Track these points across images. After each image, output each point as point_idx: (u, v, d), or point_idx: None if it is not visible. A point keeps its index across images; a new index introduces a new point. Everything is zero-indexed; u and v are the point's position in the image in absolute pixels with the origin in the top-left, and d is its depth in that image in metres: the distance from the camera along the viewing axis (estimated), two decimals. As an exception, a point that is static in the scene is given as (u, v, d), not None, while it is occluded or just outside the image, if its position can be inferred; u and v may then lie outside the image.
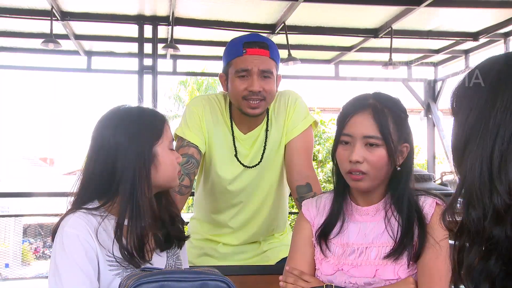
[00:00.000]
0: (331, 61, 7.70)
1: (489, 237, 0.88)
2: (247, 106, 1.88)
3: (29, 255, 16.29)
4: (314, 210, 1.57)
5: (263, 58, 1.88)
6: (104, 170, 1.40)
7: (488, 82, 0.94)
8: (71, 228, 1.35)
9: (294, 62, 6.10)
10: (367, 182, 1.44)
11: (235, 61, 1.89)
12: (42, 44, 5.57)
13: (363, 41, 6.55)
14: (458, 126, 0.98)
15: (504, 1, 5.25)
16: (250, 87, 1.85)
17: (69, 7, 5.45)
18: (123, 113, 1.48)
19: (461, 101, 0.99)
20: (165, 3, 5.30)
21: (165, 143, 1.46)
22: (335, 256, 1.48)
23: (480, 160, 0.90)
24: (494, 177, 0.88)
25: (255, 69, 1.85)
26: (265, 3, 5.24)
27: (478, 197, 0.90)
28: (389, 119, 1.43)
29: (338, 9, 5.46)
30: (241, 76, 1.87)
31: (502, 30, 6.18)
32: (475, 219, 0.90)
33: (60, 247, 1.34)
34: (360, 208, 1.50)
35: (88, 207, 1.40)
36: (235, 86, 1.88)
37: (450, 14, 5.69)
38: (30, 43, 6.66)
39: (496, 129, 0.89)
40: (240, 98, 1.88)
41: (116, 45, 6.93)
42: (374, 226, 1.47)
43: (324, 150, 10.12)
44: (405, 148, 1.46)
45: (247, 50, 1.87)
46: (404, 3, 5.20)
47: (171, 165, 1.46)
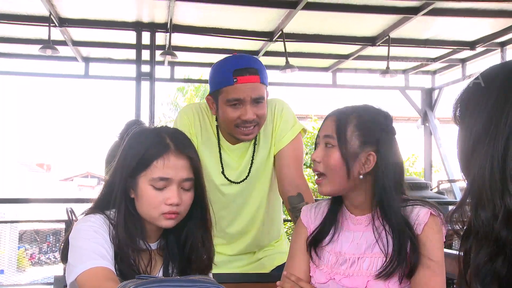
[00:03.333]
0: (328, 69, 7.72)
1: (497, 238, 0.88)
2: (240, 133, 1.83)
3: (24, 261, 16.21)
4: (312, 215, 1.56)
5: (254, 85, 1.80)
6: (109, 183, 1.42)
7: (497, 85, 0.95)
8: (90, 223, 1.35)
9: (291, 70, 6.11)
10: (327, 186, 1.46)
11: (225, 89, 1.80)
12: (40, 50, 5.57)
13: (361, 49, 6.58)
14: (465, 129, 0.98)
15: (501, 10, 5.27)
16: (244, 116, 1.79)
17: (67, 13, 5.46)
18: (135, 132, 1.45)
19: (467, 106, 0.99)
20: (163, 10, 5.31)
21: (148, 177, 1.35)
22: (328, 265, 1.47)
23: (490, 161, 0.90)
24: (507, 178, 0.88)
25: (248, 98, 1.79)
26: (263, 11, 5.25)
27: (488, 198, 0.89)
28: (352, 122, 1.44)
29: (336, 17, 5.48)
30: (233, 104, 1.80)
31: (498, 39, 6.22)
32: (484, 220, 0.89)
33: (76, 235, 1.33)
34: (353, 217, 1.49)
35: (107, 214, 1.40)
36: (227, 114, 1.82)
37: (447, 23, 5.71)
38: (28, 49, 6.66)
39: (508, 130, 0.90)
40: (232, 126, 1.83)
41: (114, 52, 6.94)
42: (367, 236, 1.45)
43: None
44: (370, 156, 1.42)
45: (238, 79, 1.78)
46: (402, 12, 5.23)
47: (147, 201, 1.36)
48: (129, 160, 1.37)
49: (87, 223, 1.34)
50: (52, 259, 18.17)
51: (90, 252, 1.28)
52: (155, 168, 1.34)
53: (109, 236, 1.34)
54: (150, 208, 1.36)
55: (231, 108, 1.80)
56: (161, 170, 1.34)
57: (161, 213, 1.35)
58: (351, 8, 5.10)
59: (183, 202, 1.37)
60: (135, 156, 1.36)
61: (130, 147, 1.40)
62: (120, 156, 1.41)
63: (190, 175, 1.37)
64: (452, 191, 8.25)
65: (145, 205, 1.36)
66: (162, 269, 1.44)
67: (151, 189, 1.35)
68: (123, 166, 1.38)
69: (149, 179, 1.34)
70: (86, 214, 1.40)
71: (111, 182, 1.41)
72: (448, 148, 8.28)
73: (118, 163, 1.41)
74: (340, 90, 9.76)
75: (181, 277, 1.16)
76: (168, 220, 1.36)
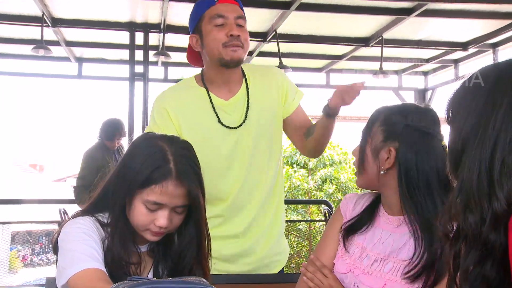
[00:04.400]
0: (322, 69, 7.73)
1: (486, 241, 0.87)
2: (229, 53, 1.87)
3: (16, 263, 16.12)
4: (351, 206, 1.58)
5: (235, 7, 1.91)
6: (106, 186, 1.42)
7: (487, 88, 0.94)
8: (80, 225, 1.34)
9: (285, 70, 6.10)
10: (358, 180, 1.52)
11: (208, 12, 1.89)
12: (33, 50, 5.54)
13: (354, 50, 6.59)
14: (455, 130, 0.98)
15: (493, 12, 5.30)
16: (230, 31, 1.85)
17: (60, 13, 5.43)
18: (143, 144, 1.40)
19: (459, 107, 0.99)
20: (156, 10, 5.30)
21: (143, 197, 1.32)
22: (351, 257, 1.48)
23: (478, 164, 0.90)
24: (494, 182, 0.87)
25: (231, 15, 1.87)
26: (256, 11, 5.25)
27: (476, 201, 0.89)
28: (381, 118, 1.45)
29: (330, 18, 5.48)
30: (218, 25, 1.86)
31: (490, 40, 6.25)
32: (472, 223, 0.89)
33: (66, 238, 1.32)
34: (386, 215, 1.48)
35: (98, 218, 1.38)
36: (214, 35, 1.87)
37: (439, 24, 5.73)
38: (21, 49, 6.62)
39: (497, 133, 0.89)
40: (220, 46, 1.86)
41: (107, 52, 6.91)
42: (395, 238, 1.43)
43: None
44: (390, 151, 1.40)
45: (219, 0, 1.89)
46: (395, 13, 5.24)
47: (139, 220, 1.34)
48: (130, 176, 1.35)
49: (76, 225, 1.34)
50: (45, 261, 18.08)
51: (80, 254, 1.27)
52: (152, 192, 1.32)
53: (99, 238, 1.33)
54: (138, 223, 1.35)
55: (216, 28, 1.87)
56: (157, 196, 1.31)
57: (148, 230, 1.35)
58: (345, 9, 5.11)
59: (173, 224, 1.36)
60: (136, 174, 1.33)
61: (132, 162, 1.36)
62: (122, 166, 1.39)
63: (185, 202, 1.35)
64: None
65: (135, 219, 1.35)
66: (152, 270, 1.43)
67: (143, 208, 1.33)
68: (124, 178, 1.36)
69: (144, 199, 1.33)
70: (74, 217, 1.39)
71: (107, 188, 1.40)
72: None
73: (120, 172, 1.38)
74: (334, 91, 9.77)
75: (172, 279, 1.15)
76: (154, 236, 1.37)
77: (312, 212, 9.78)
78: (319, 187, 9.88)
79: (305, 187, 9.83)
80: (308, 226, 9.15)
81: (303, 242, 9.10)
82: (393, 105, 1.50)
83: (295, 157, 10.20)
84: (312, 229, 9.12)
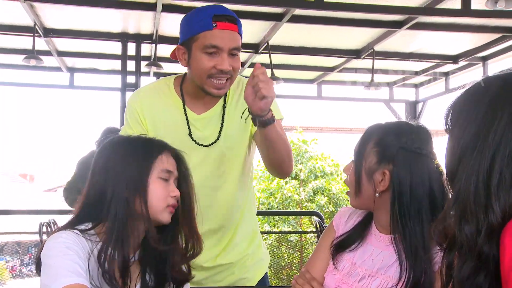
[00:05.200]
0: (314, 81, 7.76)
1: (480, 253, 0.87)
2: (212, 86, 1.74)
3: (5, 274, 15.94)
4: (344, 220, 1.58)
5: (233, 34, 1.72)
6: (97, 196, 1.39)
7: (489, 97, 0.93)
8: (62, 239, 1.32)
9: (277, 82, 6.13)
10: (351, 200, 1.48)
11: (202, 35, 1.71)
12: (24, 60, 5.52)
13: (346, 62, 6.62)
14: (453, 140, 0.97)
15: (483, 26, 5.35)
16: (220, 65, 1.70)
17: (52, 23, 5.43)
18: (120, 141, 1.47)
19: (459, 115, 0.98)
20: (149, 21, 5.31)
21: (155, 174, 1.41)
22: (341, 272, 1.48)
23: (476, 175, 0.89)
24: (491, 194, 0.87)
25: (226, 47, 1.70)
26: (248, 23, 5.26)
27: (472, 212, 0.88)
28: (374, 139, 1.43)
29: (321, 30, 5.51)
30: (209, 52, 1.71)
31: (480, 53, 6.30)
32: (467, 234, 0.89)
33: (48, 253, 1.30)
34: (378, 233, 1.48)
35: (80, 228, 1.37)
36: (202, 63, 1.72)
37: (430, 37, 5.78)
38: (12, 59, 6.60)
39: (496, 145, 0.88)
40: (205, 76, 1.73)
41: (99, 62, 6.90)
42: (385, 255, 1.43)
43: (306, 169, 10.12)
44: (385, 174, 1.39)
45: (218, 24, 1.69)
46: (386, 26, 5.28)
47: (156, 195, 1.40)
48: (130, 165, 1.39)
49: (59, 239, 1.32)
50: (34, 272, 17.89)
51: (63, 270, 1.26)
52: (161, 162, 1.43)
53: (83, 251, 1.32)
54: (159, 201, 1.41)
55: (206, 56, 1.71)
56: (165, 164, 1.44)
57: (167, 206, 1.42)
58: (336, 21, 5.14)
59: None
60: (136, 159, 1.40)
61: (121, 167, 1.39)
62: (112, 172, 1.39)
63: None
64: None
65: (155, 199, 1.41)
66: (140, 278, 1.42)
67: (160, 183, 1.42)
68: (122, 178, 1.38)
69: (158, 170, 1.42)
70: (57, 231, 1.37)
71: (101, 195, 1.38)
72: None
73: (115, 178, 1.38)
74: (326, 102, 9.81)
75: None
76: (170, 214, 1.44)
77: (304, 224, 9.76)
78: (311, 199, 9.86)
79: (297, 199, 9.81)
80: (299, 237, 9.12)
81: (294, 254, 9.07)
82: (385, 123, 1.48)
83: (286, 168, 10.16)
84: (304, 240, 9.10)
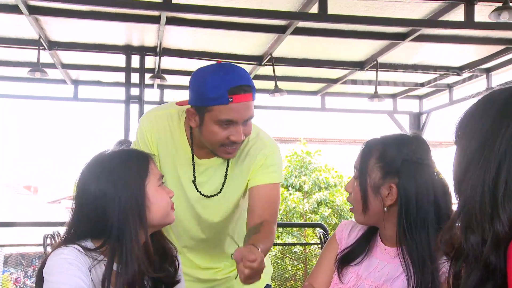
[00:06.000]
0: (317, 92, 7.76)
1: (486, 263, 0.87)
2: (224, 152, 1.69)
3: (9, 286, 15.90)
4: (346, 233, 1.57)
5: (248, 105, 1.63)
6: (94, 215, 1.36)
7: (494, 110, 0.94)
8: (64, 255, 1.31)
9: (280, 94, 6.14)
10: (357, 216, 1.45)
11: (217, 108, 1.60)
12: (29, 73, 5.56)
13: (349, 74, 6.63)
14: (460, 150, 0.98)
15: (486, 38, 5.36)
16: (233, 137, 1.64)
17: (57, 36, 5.46)
18: (105, 160, 1.42)
19: (465, 128, 0.99)
20: (152, 33, 5.33)
21: (153, 181, 1.41)
22: (347, 285, 1.47)
23: (482, 185, 0.89)
24: (498, 204, 0.87)
25: (241, 120, 1.63)
26: (252, 35, 5.29)
27: (478, 221, 0.89)
28: (375, 154, 1.42)
29: (325, 42, 5.53)
30: (224, 125, 1.63)
31: (484, 65, 6.30)
32: (473, 244, 0.89)
33: (50, 271, 1.29)
34: (383, 246, 1.47)
35: (82, 245, 1.35)
36: (215, 134, 1.64)
37: (434, 49, 5.79)
38: (17, 72, 6.64)
39: (501, 156, 0.89)
40: (217, 145, 1.67)
41: (103, 75, 6.93)
42: (390, 268, 1.42)
43: (310, 181, 10.10)
44: (391, 188, 1.39)
45: (234, 98, 1.59)
46: (389, 38, 5.29)
47: (162, 202, 1.42)
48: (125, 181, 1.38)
49: (60, 256, 1.31)
50: (38, 284, 17.82)
51: (65, 285, 1.25)
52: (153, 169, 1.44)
53: (85, 266, 1.31)
54: (164, 207, 1.43)
55: (220, 127, 1.63)
56: (157, 171, 1.46)
57: (170, 208, 1.45)
58: (340, 33, 5.15)
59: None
60: (130, 173, 1.39)
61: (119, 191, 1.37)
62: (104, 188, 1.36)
63: None
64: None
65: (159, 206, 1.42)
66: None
67: (160, 189, 1.43)
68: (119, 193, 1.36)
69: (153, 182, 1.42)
70: (57, 247, 1.36)
71: (102, 214, 1.35)
72: (436, 172, 8.29)
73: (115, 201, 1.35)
74: (329, 114, 9.80)
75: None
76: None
77: (308, 235, 9.72)
78: (315, 210, 9.83)
79: (300, 210, 9.78)
80: (303, 249, 9.08)
81: (298, 265, 9.02)
82: (381, 137, 1.47)
83: (290, 180, 10.17)
84: (308, 252, 9.05)
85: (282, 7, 4.50)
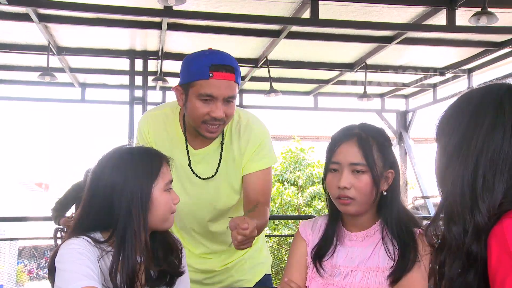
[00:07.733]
0: (310, 93, 7.77)
1: (468, 252, 0.88)
2: (206, 130, 1.68)
3: (23, 276, 15.90)
4: (309, 230, 1.56)
5: (229, 83, 1.64)
6: (102, 207, 1.36)
7: (470, 109, 0.95)
8: (74, 245, 1.31)
9: (275, 94, 6.14)
10: (355, 207, 1.43)
11: (199, 83, 1.63)
12: (39, 77, 5.55)
13: (340, 75, 6.63)
14: (440, 147, 0.99)
15: (467, 40, 5.38)
16: (213, 113, 1.63)
17: (65, 42, 5.45)
18: (123, 153, 1.41)
19: (444, 126, 1.00)
20: (155, 38, 5.32)
21: (161, 185, 1.39)
22: (323, 277, 1.47)
23: (461, 179, 0.91)
24: (477, 196, 0.88)
25: (221, 96, 1.63)
26: (248, 39, 5.29)
27: (459, 213, 0.90)
28: (374, 147, 1.42)
29: (317, 45, 5.53)
30: (204, 100, 1.63)
31: (465, 66, 6.32)
32: (455, 234, 0.90)
33: (62, 260, 1.29)
34: (349, 234, 1.48)
35: (91, 236, 1.35)
36: (196, 109, 1.65)
37: (418, 51, 5.80)
38: (28, 76, 6.62)
39: (478, 151, 0.90)
40: (199, 121, 1.67)
41: (109, 78, 6.92)
42: (361, 251, 1.45)
43: (304, 175, 10.11)
44: (390, 174, 1.44)
45: (214, 74, 1.62)
46: (377, 41, 5.29)
47: (164, 206, 1.40)
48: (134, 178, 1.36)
49: (71, 246, 1.31)
50: (50, 274, 17.78)
51: (76, 274, 1.25)
52: (164, 173, 1.41)
53: (94, 256, 1.31)
54: (165, 211, 1.41)
55: (201, 102, 1.64)
56: (168, 175, 1.43)
57: (171, 213, 1.42)
58: (331, 37, 5.16)
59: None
60: (141, 171, 1.38)
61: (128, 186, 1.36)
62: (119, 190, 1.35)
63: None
64: (426, 206, 8.28)
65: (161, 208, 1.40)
66: (144, 273, 1.40)
67: (166, 194, 1.41)
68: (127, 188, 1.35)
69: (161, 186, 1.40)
70: (67, 238, 1.35)
71: (109, 209, 1.35)
72: (422, 166, 8.33)
73: (123, 195, 1.35)
74: (321, 113, 9.81)
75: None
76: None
77: (302, 227, 9.73)
78: (308, 203, 9.84)
79: (295, 203, 9.79)
80: (298, 240, 9.08)
81: (294, 255, 9.03)
82: (361, 125, 1.48)
83: (285, 175, 10.18)
84: (302, 242, 9.06)
85: (276, 13, 4.50)
